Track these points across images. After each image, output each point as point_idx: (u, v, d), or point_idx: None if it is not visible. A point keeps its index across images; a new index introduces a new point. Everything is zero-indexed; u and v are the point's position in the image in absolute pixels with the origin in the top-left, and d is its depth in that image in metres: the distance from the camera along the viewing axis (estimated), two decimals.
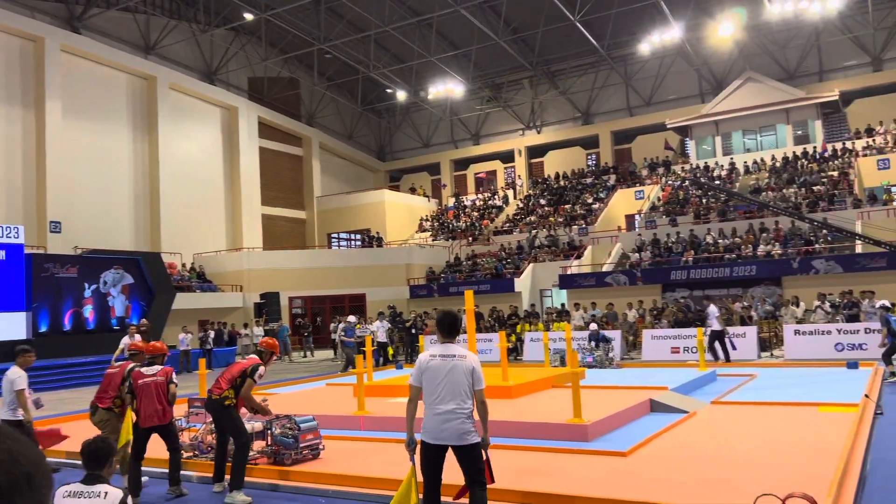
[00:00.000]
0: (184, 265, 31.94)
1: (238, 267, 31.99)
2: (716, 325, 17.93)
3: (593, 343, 18.85)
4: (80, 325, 24.03)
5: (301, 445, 8.33)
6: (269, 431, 8.37)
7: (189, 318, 27.71)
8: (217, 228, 36.05)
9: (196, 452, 8.93)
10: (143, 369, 7.65)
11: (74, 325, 23.87)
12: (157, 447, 7.73)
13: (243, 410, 7.81)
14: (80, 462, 4.12)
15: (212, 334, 25.58)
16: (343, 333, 21.37)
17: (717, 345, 17.92)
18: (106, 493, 3.85)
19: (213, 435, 8.61)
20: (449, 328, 5.58)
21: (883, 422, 9.39)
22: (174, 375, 7.69)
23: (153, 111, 32.94)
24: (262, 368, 7.42)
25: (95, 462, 3.99)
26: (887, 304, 15.11)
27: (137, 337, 17.54)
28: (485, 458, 5.26)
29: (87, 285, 24.32)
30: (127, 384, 7.76)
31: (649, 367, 17.41)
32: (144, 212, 32.44)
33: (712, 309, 18.33)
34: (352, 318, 21.83)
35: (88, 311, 24.37)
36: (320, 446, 8.65)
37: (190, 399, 9.88)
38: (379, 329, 22.62)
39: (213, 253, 33.72)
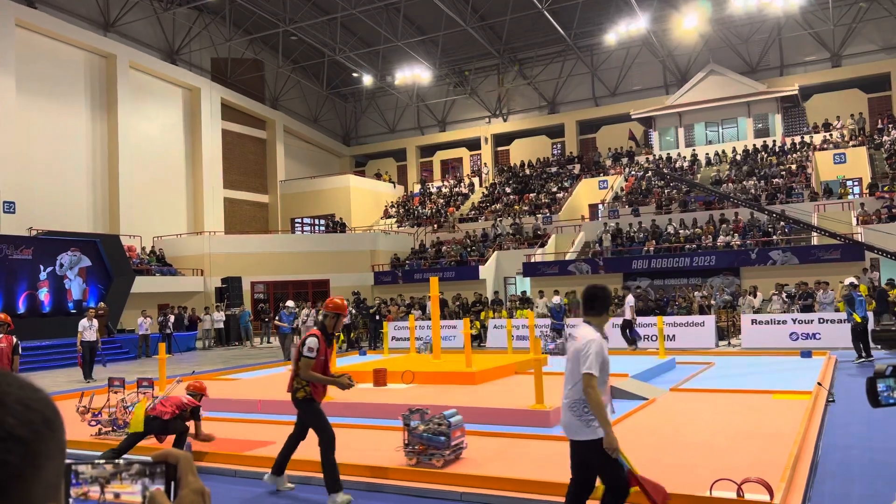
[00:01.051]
0: (143, 248, 31.35)
1: (199, 251, 31.50)
2: (627, 315, 18.92)
3: (552, 320, 19.29)
4: (36, 307, 23.46)
5: (451, 443, 7.22)
6: (407, 428, 7.27)
7: (148, 301, 27.24)
8: (178, 211, 35.42)
9: (113, 428, 9.12)
10: None
11: (29, 307, 23.29)
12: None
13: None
14: None
15: (171, 319, 25.20)
16: (277, 319, 19.74)
17: (627, 332, 19.03)
18: None
19: (130, 412, 8.56)
20: (585, 302, 4.89)
21: (834, 409, 9.68)
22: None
23: (112, 90, 32.12)
24: (311, 340, 6.52)
25: None
26: (854, 281, 15.53)
27: (95, 321, 17.24)
28: (627, 469, 4.44)
29: (42, 267, 23.73)
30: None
31: (610, 355, 17.57)
32: (103, 193, 31.69)
33: (629, 298, 19.19)
34: (290, 304, 20.37)
35: (44, 294, 23.80)
36: (463, 444, 7.45)
37: (139, 379, 9.82)
38: (309, 317, 21.59)
39: (174, 236, 33.14)
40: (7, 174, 27.55)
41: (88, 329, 16.79)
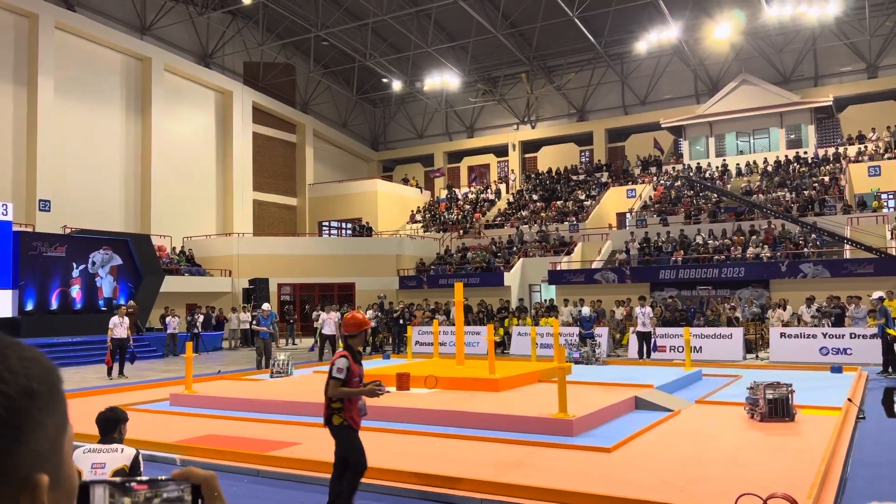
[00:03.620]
0: (173, 248, 31.80)
1: (228, 252, 31.88)
2: (647, 327, 18.90)
3: (580, 329, 19.20)
4: (67, 304, 23.90)
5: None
6: (763, 397, 9.74)
7: (177, 301, 27.60)
8: (208, 212, 35.89)
9: None
10: None
11: (61, 304, 23.73)
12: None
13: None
14: None
15: (200, 318, 25.49)
16: (255, 322, 18.57)
17: (644, 345, 18.96)
18: (122, 448, 4.36)
19: None
20: None
21: (865, 426, 9.49)
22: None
23: (147, 92, 32.69)
24: None
25: (110, 429, 4.55)
26: (884, 295, 15.29)
27: (126, 319, 17.50)
28: None
29: (75, 265, 24.18)
30: None
31: (635, 365, 17.50)
32: (135, 193, 32.24)
33: (646, 310, 19.12)
34: (266, 306, 19.08)
35: (76, 291, 24.24)
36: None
37: None
38: (326, 321, 20.30)
39: (204, 237, 33.58)
40: (43, 173, 28.16)
41: (119, 326, 17.00)
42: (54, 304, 23.58)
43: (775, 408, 9.66)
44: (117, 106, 31.90)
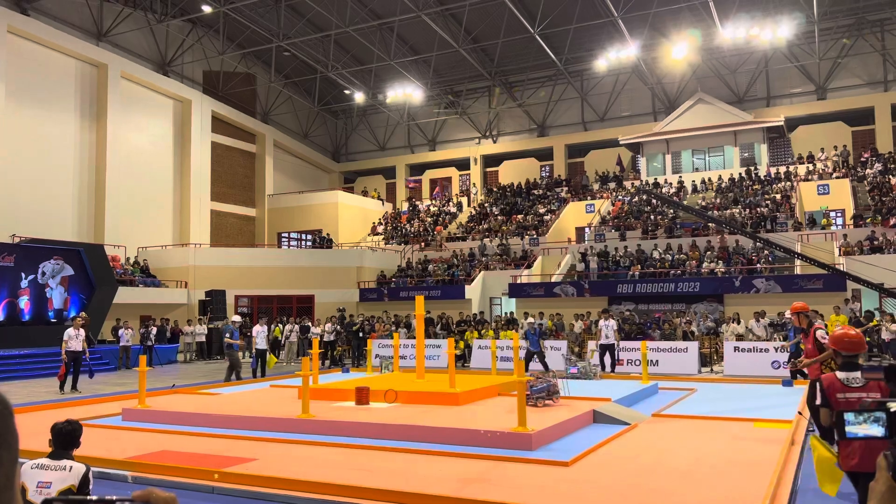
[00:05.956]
0: (127, 258, 31.12)
1: (184, 262, 31.31)
2: (610, 339, 19.05)
3: (529, 340, 19.31)
4: (15, 316, 23.19)
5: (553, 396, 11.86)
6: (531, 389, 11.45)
7: (131, 312, 27.00)
8: (164, 222, 35.23)
9: None
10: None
11: (8, 316, 23.02)
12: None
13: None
14: None
15: (154, 331, 24.95)
16: (228, 335, 18.18)
17: (606, 357, 19.06)
18: (71, 466, 4.19)
19: None
20: None
21: None
22: None
23: (103, 99, 32.03)
24: None
25: (65, 442, 4.36)
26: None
27: (81, 331, 17.01)
28: None
29: (24, 275, 23.50)
30: None
31: (594, 378, 17.64)
32: (89, 202, 31.49)
33: (610, 322, 19.22)
34: (236, 318, 18.66)
35: (24, 302, 23.55)
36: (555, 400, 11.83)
37: None
38: (259, 334, 19.59)
39: (159, 247, 32.94)
40: None
41: (74, 339, 16.51)
42: (1, 316, 22.86)
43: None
44: (72, 113, 31.18)
